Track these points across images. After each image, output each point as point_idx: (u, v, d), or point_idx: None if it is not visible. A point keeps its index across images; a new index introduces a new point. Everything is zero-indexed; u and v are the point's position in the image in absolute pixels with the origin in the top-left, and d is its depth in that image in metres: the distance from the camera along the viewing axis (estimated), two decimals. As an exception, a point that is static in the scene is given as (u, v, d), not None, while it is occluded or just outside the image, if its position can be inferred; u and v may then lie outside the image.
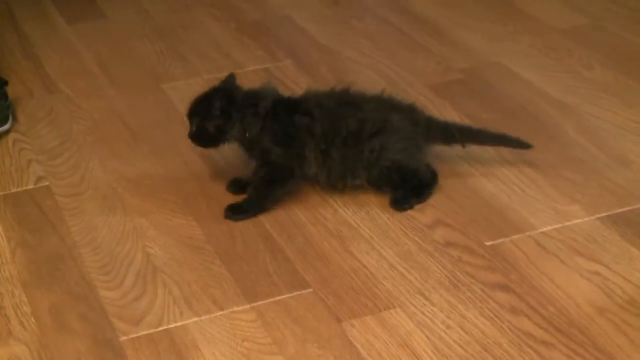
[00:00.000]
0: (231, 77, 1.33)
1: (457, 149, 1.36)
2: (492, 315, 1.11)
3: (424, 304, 1.13)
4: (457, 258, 1.21)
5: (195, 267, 1.20)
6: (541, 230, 1.25)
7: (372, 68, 1.69)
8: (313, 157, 1.29)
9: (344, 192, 1.33)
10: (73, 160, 1.43)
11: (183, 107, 1.35)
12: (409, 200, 1.31)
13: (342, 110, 1.30)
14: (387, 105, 1.34)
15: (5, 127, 1.48)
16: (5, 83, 1.53)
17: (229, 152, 1.38)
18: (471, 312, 1.11)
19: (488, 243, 1.23)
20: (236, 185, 1.34)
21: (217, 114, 1.27)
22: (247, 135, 1.28)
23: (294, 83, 1.64)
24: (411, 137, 1.31)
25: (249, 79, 1.53)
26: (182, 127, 1.36)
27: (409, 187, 1.31)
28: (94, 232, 1.27)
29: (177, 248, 1.24)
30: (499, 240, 1.23)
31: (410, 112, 1.34)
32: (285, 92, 1.59)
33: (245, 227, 1.27)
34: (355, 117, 1.29)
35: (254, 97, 1.30)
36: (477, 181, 1.36)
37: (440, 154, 1.41)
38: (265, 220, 1.29)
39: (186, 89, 1.59)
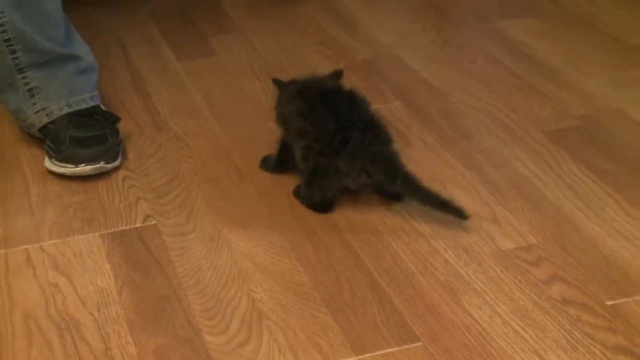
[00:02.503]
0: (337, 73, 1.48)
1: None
2: (613, 381, 1.06)
3: (540, 366, 1.09)
4: (576, 317, 1.16)
5: (302, 315, 1.19)
6: (667, 291, 1.19)
7: (484, 112, 1.66)
8: None
9: (453, 242, 1.31)
10: (180, 199, 1.44)
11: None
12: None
13: None
14: None
15: (116, 163, 1.51)
16: (118, 120, 1.56)
17: (338, 205, 1.39)
18: (591, 377, 1.07)
19: (609, 302, 1.18)
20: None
21: None
22: None
23: (404, 125, 1.62)
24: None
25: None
26: (291, 169, 1.37)
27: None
28: (200, 273, 1.27)
29: (283, 294, 1.23)
30: (621, 300, 1.18)
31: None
32: (396, 135, 1.59)
33: (352, 274, 1.26)
34: None
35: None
36: (596, 235, 1.31)
37: (555, 202, 1.37)
38: (374, 268, 1.27)
39: (294, 130, 1.59)
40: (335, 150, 1.34)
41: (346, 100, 1.38)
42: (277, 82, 1.48)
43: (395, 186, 1.34)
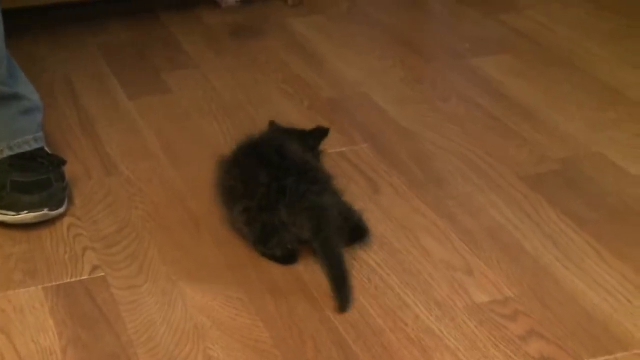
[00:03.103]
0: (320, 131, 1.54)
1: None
2: None
3: None
4: (555, 376, 1.18)
5: (261, 375, 1.19)
6: (651, 347, 1.21)
7: (458, 155, 1.68)
8: None
9: (424, 295, 1.31)
10: (131, 249, 1.44)
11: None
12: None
13: None
14: None
15: (61, 210, 1.50)
16: (63, 163, 1.56)
17: (302, 256, 1.40)
18: None
19: (590, 360, 1.20)
20: None
21: None
22: None
23: (372, 169, 1.64)
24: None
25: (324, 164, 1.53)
26: (251, 217, 1.36)
27: None
28: (152, 330, 1.27)
29: (241, 352, 1.23)
30: (602, 358, 1.20)
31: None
32: (363, 180, 1.60)
33: (317, 331, 1.26)
34: None
35: None
36: (576, 287, 1.33)
37: (533, 253, 1.39)
38: (340, 324, 1.27)
39: (255, 174, 1.60)
40: (275, 202, 1.34)
41: (275, 150, 1.39)
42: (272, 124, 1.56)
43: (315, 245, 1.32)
